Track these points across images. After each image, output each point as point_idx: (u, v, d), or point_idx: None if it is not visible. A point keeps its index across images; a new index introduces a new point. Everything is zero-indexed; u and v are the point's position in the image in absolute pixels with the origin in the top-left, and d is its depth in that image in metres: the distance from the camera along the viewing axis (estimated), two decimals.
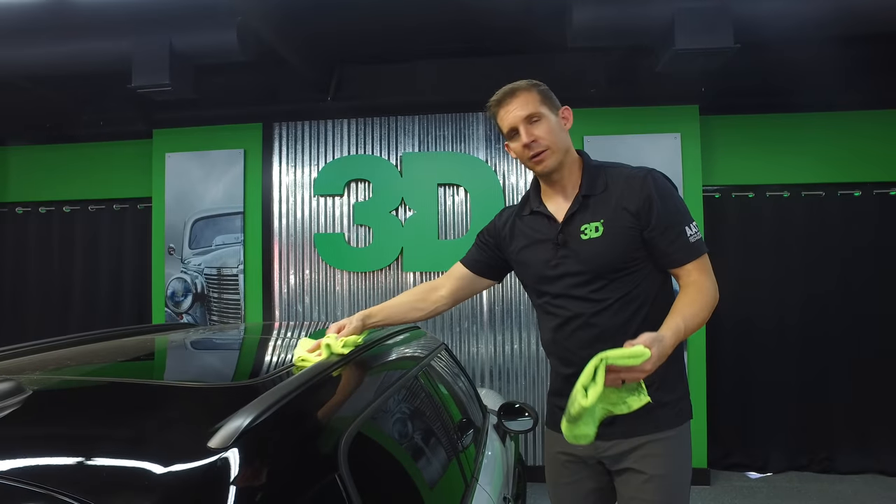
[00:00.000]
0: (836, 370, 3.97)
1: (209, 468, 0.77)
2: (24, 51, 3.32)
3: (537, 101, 1.43)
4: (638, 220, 1.38)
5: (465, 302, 4.05)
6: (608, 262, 1.39)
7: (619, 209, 1.40)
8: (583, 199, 1.44)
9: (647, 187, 1.39)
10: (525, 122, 1.42)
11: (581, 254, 1.42)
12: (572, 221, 1.44)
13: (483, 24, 3.63)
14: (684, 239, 1.38)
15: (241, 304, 4.22)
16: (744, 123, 4.10)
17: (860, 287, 3.96)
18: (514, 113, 1.43)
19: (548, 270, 1.46)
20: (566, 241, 1.44)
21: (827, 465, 3.96)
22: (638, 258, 1.40)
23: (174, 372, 1.39)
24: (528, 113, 1.42)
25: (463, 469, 1.61)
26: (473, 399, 2.33)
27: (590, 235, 1.41)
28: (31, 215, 4.73)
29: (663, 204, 1.38)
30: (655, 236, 1.38)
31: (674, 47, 2.96)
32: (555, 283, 1.46)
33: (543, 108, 1.43)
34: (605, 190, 1.43)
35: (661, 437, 1.41)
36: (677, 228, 1.38)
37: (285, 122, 4.25)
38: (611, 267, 1.39)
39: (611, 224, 1.40)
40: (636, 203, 1.38)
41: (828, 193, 4.03)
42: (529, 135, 1.41)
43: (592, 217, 1.42)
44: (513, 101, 1.43)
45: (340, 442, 0.99)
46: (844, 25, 3.03)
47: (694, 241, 1.38)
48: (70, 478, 0.74)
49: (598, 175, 1.46)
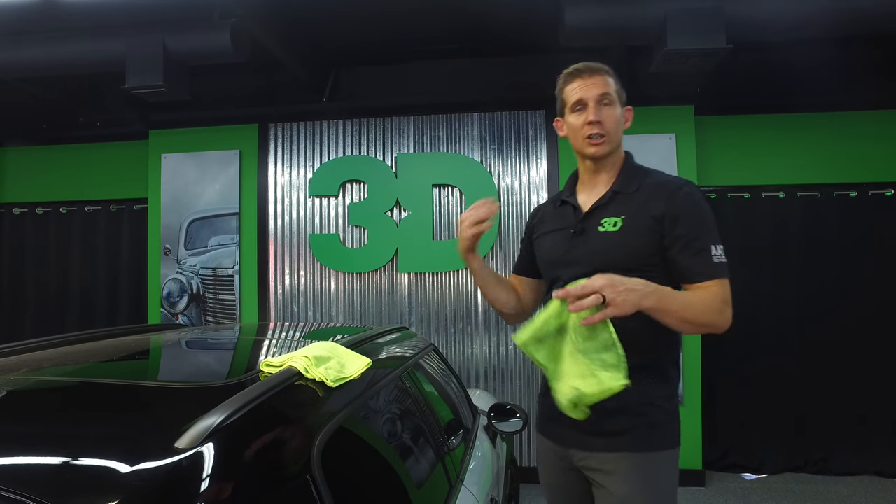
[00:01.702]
0: (832, 371, 3.96)
1: (174, 468, 0.77)
2: (18, 51, 3.33)
3: (614, 88, 1.44)
4: (659, 227, 1.35)
5: (459, 302, 4.07)
6: (618, 258, 1.36)
7: (642, 210, 1.38)
8: (612, 195, 1.43)
9: (678, 197, 1.36)
10: (597, 101, 1.41)
11: (593, 245, 1.41)
12: (595, 213, 1.44)
13: (477, 25, 3.64)
14: (707, 257, 1.33)
15: (236, 305, 4.23)
16: (739, 124, 4.09)
17: (856, 288, 3.95)
18: (588, 89, 1.41)
19: (559, 256, 1.47)
20: (583, 230, 1.44)
21: (823, 466, 3.95)
22: (652, 264, 1.36)
23: (151, 372, 1.38)
24: (605, 91, 1.41)
25: (447, 470, 1.60)
26: (463, 400, 2.33)
27: (607, 229, 1.40)
28: (27, 216, 4.74)
29: (691, 217, 1.35)
30: (676, 249, 1.34)
31: (666, 48, 2.96)
32: (564, 270, 1.44)
33: (617, 97, 1.44)
34: (636, 190, 1.42)
35: (638, 459, 1.34)
36: (701, 244, 1.33)
37: (281, 123, 4.26)
38: (620, 264, 1.34)
39: (630, 222, 1.38)
40: (661, 209, 1.35)
41: (824, 194, 4.02)
42: (597, 114, 1.41)
43: (615, 212, 1.40)
44: (593, 77, 1.42)
45: (314, 443, 0.99)
46: (839, 26, 3.03)
47: (717, 262, 1.33)
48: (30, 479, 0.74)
49: (635, 176, 1.45)
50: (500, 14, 3.34)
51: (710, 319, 1.30)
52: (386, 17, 3.50)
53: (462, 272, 4.06)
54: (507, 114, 4.09)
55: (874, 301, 3.92)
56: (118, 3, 3.05)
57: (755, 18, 3.01)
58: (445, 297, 4.09)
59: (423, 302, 4.11)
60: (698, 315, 1.29)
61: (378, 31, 3.75)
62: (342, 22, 3.61)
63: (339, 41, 3.93)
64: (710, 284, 1.32)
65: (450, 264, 4.04)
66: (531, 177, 4.06)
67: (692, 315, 1.29)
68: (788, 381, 3.99)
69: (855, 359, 3.94)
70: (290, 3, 3.26)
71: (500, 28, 3.64)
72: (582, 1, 3.01)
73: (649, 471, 1.35)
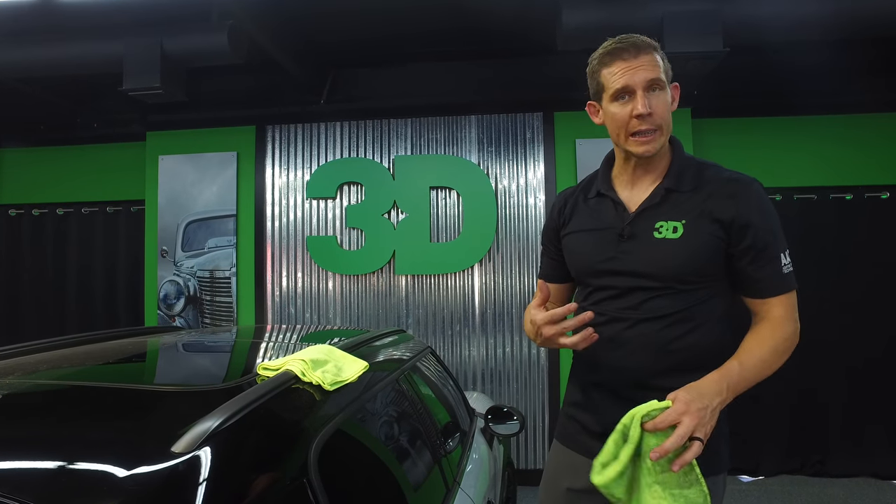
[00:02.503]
0: (828, 373, 3.97)
1: (170, 473, 0.77)
2: (16, 52, 3.32)
3: (662, 69, 1.20)
4: (726, 234, 1.18)
5: (457, 304, 4.07)
6: (679, 270, 1.19)
7: (706, 214, 1.19)
8: (665, 193, 1.23)
9: (749, 198, 1.18)
10: (646, 88, 1.18)
11: (649, 253, 1.21)
12: (646, 215, 1.23)
13: (475, 27, 3.64)
14: (777, 268, 1.18)
15: (233, 307, 4.22)
16: (736, 127, 4.10)
17: (852, 290, 3.96)
18: (635, 73, 1.18)
19: (602, 264, 1.26)
20: (634, 235, 1.23)
21: (819, 468, 3.96)
22: (713, 275, 1.21)
23: (148, 376, 1.38)
24: (654, 77, 1.18)
25: (444, 473, 1.60)
26: (460, 402, 2.33)
27: (665, 235, 1.20)
28: (24, 217, 4.73)
29: (763, 222, 1.17)
30: (745, 259, 1.18)
31: (664, 50, 2.96)
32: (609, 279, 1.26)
33: (665, 78, 1.21)
34: (693, 189, 1.22)
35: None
36: (772, 254, 1.18)
37: (278, 125, 4.26)
38: (680, 277, 1.19)
39: (693, 228, 1.19)
40: (730, 212, 1.17)
41: (820, 196, 4.04)
42: (647, 105, 1.17)
43: (672, 215, 1.20)
44: (638, 58, 1.18)
45: (311, 447, 0.99)
46: (836, 29, 3.04)
47: (787, 273, 1.19)
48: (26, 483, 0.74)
49: (689, 169, 1.25)
50: (499, 14, 3.34)
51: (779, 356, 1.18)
52: (384, 18, 3.51)
53: (459, 275, 4.06)
54: (505, 116, 4.10)
55: (870, 303, 3.93)
56: (116, 4, 3.04)
57: (752, 21, 3.02)
58: (443, 300, 4.09)
59: (420, 304, 4.11)
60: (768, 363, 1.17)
61: (376, 32, 3.75)
62: (340, 23, 3.61)
63: (336, 43, 3.93)
64: (775, 304, 1.19)
65: (447, 266, 4.04)
66: (528, 179, 4.06)
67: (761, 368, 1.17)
68: (785, 383, 4.00)
69: (852, 361, 3.95)
70: (288, 3, 3.26)
71: (498, 30, 3.65)
72: (580, 3, 3.01)
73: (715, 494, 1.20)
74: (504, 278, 4.04)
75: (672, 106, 1.24)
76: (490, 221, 4.01)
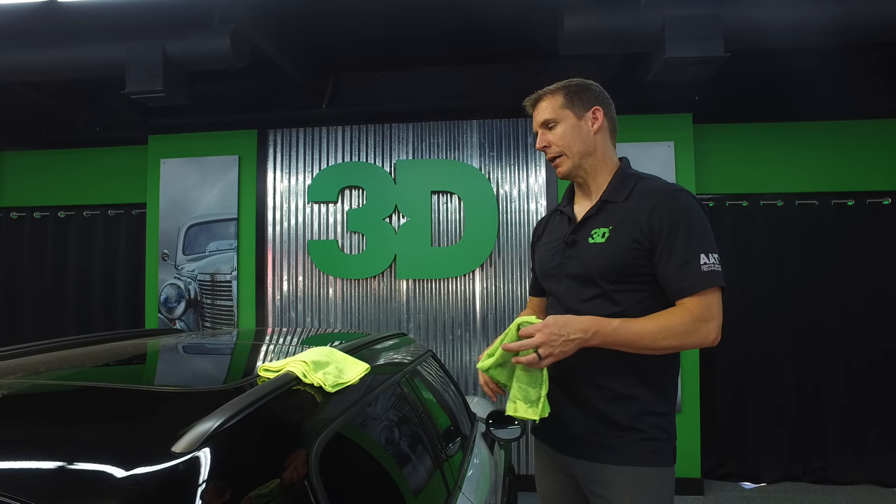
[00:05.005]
0: (830, 379, 3.96)
1: (170, 473, 0.77)
2: (17, 55, 3.33)
3: (558, 105, 1.44)
4: (646, 236, 1.31)
5: (457, 309, 4.06)
6: (604, 269, 1.34)
7: (630, 219, 1.34)
8: (601, 204, 1.41)
9: (665, 205, 1.31)
10: (542, 128, 1.46)
11: (582, 256, 1.39)
12: (586, 224, 1.42)
13: (477, 31, 3.65)
14: (695, 267, 1.26)
15: (234, 311, 4.21)
16: (738, 132, 4.10)
17: (854, 296, 3.95)
18: (535, 119, 1.48)
19: (552, 269, 1.46)
20: (575, 242, 1.42)
21: (821, 475, 3.94)
22: (642, 274, 1.32)
23: (148, 377, 1.38)
24: (543, 119, 1.45)
25: (445, 477, 1.59)
26: (461, 407, 2.32)
27: (596, 240, 1.37)
28: (25, 220, 4.73)
29: (679, 225, 1.29)
30: (663, 259, 1.29)
31: (665, 55, 2.97)
32: (559, 282, 1.45)
33: (566, 111, 1.43)
34: (626, 199, 1.38)
35: (630, 472, 1.32)
36: (689, 255, 1.27)
37: (280, 129, 4.27)
38: (606, 276, 1.34)
39: (617, 232, 1.35)
40: (647, 215, 1.31)
41: (821, 202, 4.03)
42: (543, 140, 1.46)
43: (604, 222, 1.38)
44: (537, 107, 1.47)
45: (312, 448, 0.98)
46: (838, 34, 3.04)
47: (707, 272, 1.26)
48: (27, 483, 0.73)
49: (626, 184, 1.41)
50: (500, 18, 3.35)
51: (677, 342, 1.25)
52: (385, 22, 3.52)
53: (460, 279, 4.06)
54: (507, 121, 4.11)
55: (872, 309, 3.92)
56: (119, 7, 3.06)
57: (753, 26, 3.02)
58: (444, 304, 4.08)
59: (421, 309, 4.10)
60: (659, 341, 1.24)
61: (377, 36, 3.76)
62: (342, 27, 3.62)
63: (338, 47, 3.94)
64: (690, 301, 1.27)
65: (448, 271, 4.04)
66: (530, 184, 4.06)
67: (651, 342, 1.24)
68: (787, 390, 3.99)
69: (853, 367, 3.93)
70: (289, 7, 3.27)
71: (500, 35, 3.66)
72: (581, 8, 3.02)
73: (647, 485, 1.34)
74: (505, 283, 4.04)
75: (593, 126, 1.44)
76: (491, 226, 4.01)
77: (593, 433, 1.36)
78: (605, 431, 1.35)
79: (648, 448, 1.33)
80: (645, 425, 1.33)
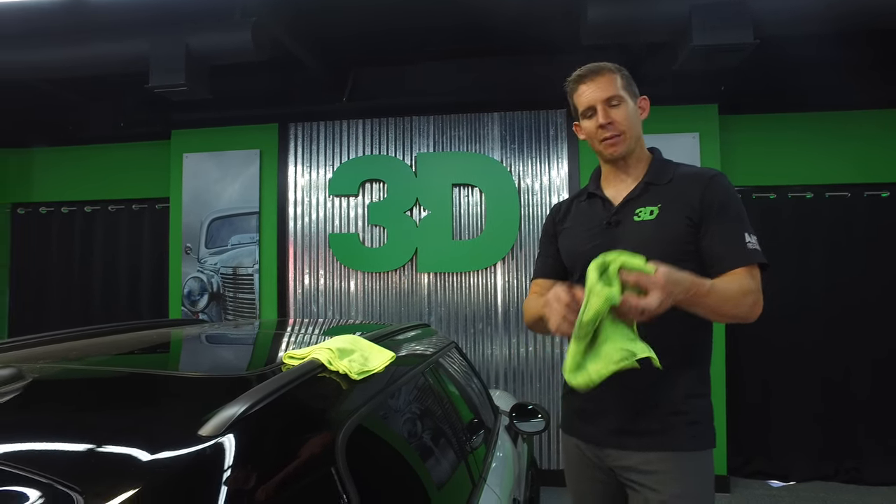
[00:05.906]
0: (861, 375, 3.85)
1: (198, 456, 0.76)
2: (43, 52, 3.38)
3: (619, 85, 1.42)
4: (696, 215, 1.34)
5: (479, 303, 4.04)
6: (656, 246, 1.31)
7: (680, 199, 1.37)
8: (645, 186, 1.42)
9: (712, 186, 1.35)
10: (604, 104, 1.41)
11: (630, 235, 1.37)
12: (628, 205, 1.42)
13: (498, 23, 3.61)
14: (741, 243, 1.31)
15: (256, 304, 4.24)
16: (764, 123, 4.01)
17: (886, 291, 3.83)
18: (594, 93, 1.41)
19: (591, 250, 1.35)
20: (618, 222, 1.41)
21: (854, 475, 3.83)
22: (688, 252, 1.34)
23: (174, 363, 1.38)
24: (609, 95, 1.40)
25: (470, 469, 1.57)
26: (484, 399, 2.30)
27: (643, 218, 1.38)
28: (53, 215, 4.82)
29: (726, 204, 1.34)
30: (711, 236, 1.33)
31: (691, 43, 2.90)
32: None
33: (624, 92, 1.42)
34: (669, 182, 1.41)
35: (678, 458, 1.32)
36: (735, 232, 1.32)
37: (301, 123, 4.28)
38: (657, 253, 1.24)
39: (667, 209, 1.36)
40: (697, 197, 1.35)
41: (853, 194, 3.92)
42: (607, 117, 1.40)
43: (649, 202, 1.39)
44: (596, 81, 1.42)
45: (338, 435, 0.97)
46: (869, 21, 2.94)
47: (751, 249, 1.31)
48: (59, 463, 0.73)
49: (667, 168, 1.45)
50: (522, 9, 3.31)
51: (737, 307, 1.26)
52: (406, 15, 3.49)
53: (481, 272, 4.03)
54: (528, 113, 4.06)
55: None
56: (142, 2, 3.08)
57: (781, 13, 2.94)
58: (465, 298, 4.06)
59: (442, 302, 4.08)
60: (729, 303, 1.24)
61: (399, 29, 3.74)
62: (362, 20, 3.60)
63: (359, 40, 3.93)
64: (742, 272, 1.29)
65: (469, 264, 4.01)
66: (552, 177, 4.01)
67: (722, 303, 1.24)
68: (814, 386, 3.89)
69: (886, 362, 3.82)
70: (310, 1, 3.26)
71: (521, 26, 3.61)
72: None
73: (694, 470, 1.33)
74: (527, 277, 4.00)
75: (641, 115, 1.47)
76: (513, 219, 3.98)
77: (637, 421, 1.34)
78: (651, 415, 1.33)
79: (693, 431, 1.34)
80: (689, 407, 1.34)
